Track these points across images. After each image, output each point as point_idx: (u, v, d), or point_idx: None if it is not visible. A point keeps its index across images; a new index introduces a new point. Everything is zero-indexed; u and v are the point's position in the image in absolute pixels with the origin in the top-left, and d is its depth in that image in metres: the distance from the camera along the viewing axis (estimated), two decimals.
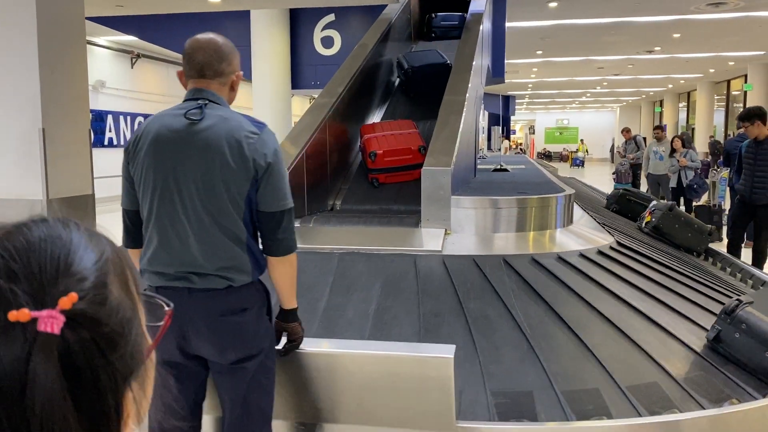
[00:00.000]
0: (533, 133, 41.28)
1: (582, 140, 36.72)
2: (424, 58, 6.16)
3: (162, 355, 1.98)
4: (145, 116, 16.89)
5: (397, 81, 6.64)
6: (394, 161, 4.52)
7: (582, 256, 3.38)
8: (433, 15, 7.78)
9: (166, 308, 0.60)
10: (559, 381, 2.44)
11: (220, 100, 1.96)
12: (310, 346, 2.23)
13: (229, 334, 1.88)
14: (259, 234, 1.95)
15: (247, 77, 10.43)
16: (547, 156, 37.24)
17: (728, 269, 4.63)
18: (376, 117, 5.91)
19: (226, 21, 10.27)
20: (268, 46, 9.86)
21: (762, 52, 17.00)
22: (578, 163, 33.27)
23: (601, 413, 2.33)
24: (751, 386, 2.61)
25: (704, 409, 2.38)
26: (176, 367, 1.94)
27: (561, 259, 3.28)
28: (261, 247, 1.96)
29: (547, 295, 2.95)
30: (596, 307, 2.91)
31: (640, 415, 2.33)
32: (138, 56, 16.22)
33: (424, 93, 5.80)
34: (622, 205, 5.66)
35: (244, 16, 9.98)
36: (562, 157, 38.43)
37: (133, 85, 16.39)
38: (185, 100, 1.97)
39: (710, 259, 4.84)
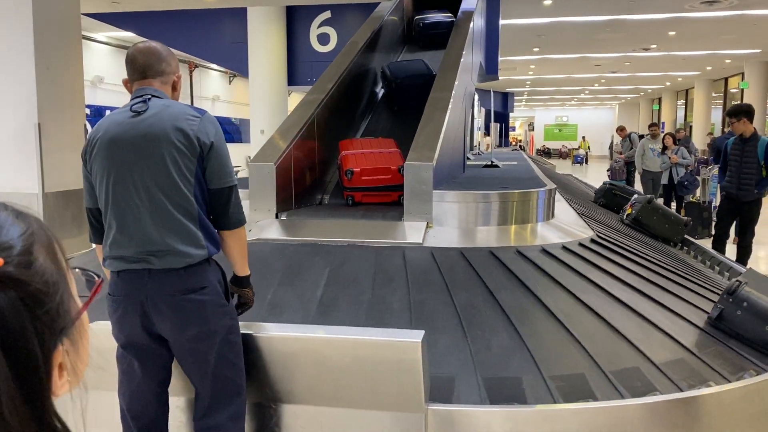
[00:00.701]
0: (532, 129, 41.36)
1: (584, 137, 36.11)
2: (409, 68, 5.90)
3: (127, 337, 2.11)
4: None
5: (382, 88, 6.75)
6: (372, 181, 4.28)
7: (564, 248, 3.48)
8: (420, 24, 7.28)
9: (97, 279, 0.70)
10: (546, 367, 2.54)
11: (162, 95, 2.10)
12: (284, 330, 2.33)
13: (189, 313, 1.99)
14: (210, 212, 2.09)
15: (244, 74, 10.54)
16: (546, 153, 37.30)
17: (700, 257, 4.89)
18: (365, 115, 5.98)
19: (223, 17, 10.36)
20: (265, 42, 9.95)
21: (758, 50, 17.07)
22: (579, 160, 32.45)
23: (586, 396, 2.45)
24: (727, 371, 2.73)
25: (682, 391, 2.51)
26: (140, 349, 2.06)
27: (544, 251, 3.38)
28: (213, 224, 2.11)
29: (531, 285, 3.05)
30: (580, 297, 3.02)
31: (623, 398, 2.45)
32: None
33: (408, 106, 5.61)
34: (608, 199, 5.94)
35: (240, 13, 10.07)
36: (561, 154, 38.50)
37: None
38: (131, 100, 2.11)
39: (685, 249, 5.09)
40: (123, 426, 2.13)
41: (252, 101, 10.32)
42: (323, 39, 10.11)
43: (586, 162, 32.35)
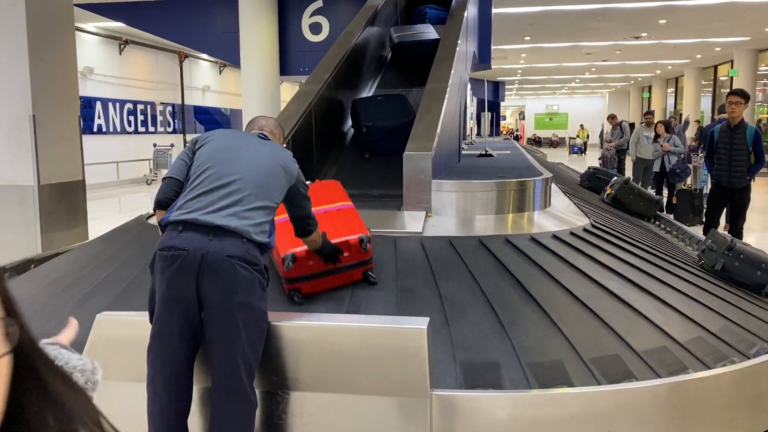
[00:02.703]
0: (523, 118, 41.41)
1: (582, 125, 34.32)
2: (386, 108, 5.09)
3: (176, 293, 2.21)
4: (135, 103, 16.89)
5: (384, 68, 6.77)
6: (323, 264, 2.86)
7: (555, 237, 3.52)
8: (398, 40, 6.50)
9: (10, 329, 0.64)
10: (525, 353, 2.59)
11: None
12: (293, 319, 2.37)
13: (240, 279, 2.12)
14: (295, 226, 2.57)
15: (235, 63, 10.49)
16: (537, 142, 37.39)
17: (674, 232, 5.51)
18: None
19: (215, 7, 10.30)
20: (257, 32, 9.90)
21: (747, 38, 17.16)
22: (577, 150, 30.32)
23: (563, 383, 2.49)
24: (709, 358, 2.79)
25: (660, 378, 2.56)
26: (184, 308, 2.12)
27: (533, 239, 3.42)
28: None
29: (520, 274, 3.09)
30: (566, 286, 3.06)
31: (599, 384, 2.49)
32: (126, 42, 16.19)
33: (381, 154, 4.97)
34: (592, 182, 6.60)
35: (232, 2, 10.01)
36: (552, 143, 38.61)
37: (121, 71, 16.36)
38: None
39: (657, 223, 5.71)
40: (149, 394, 2.16)
41: (244, 91, 10.28)
42: (315, 28, 10.07)
43: (584, 152, 30.11)
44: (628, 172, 10.48)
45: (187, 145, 2.50)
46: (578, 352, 2.63)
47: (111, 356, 2.42)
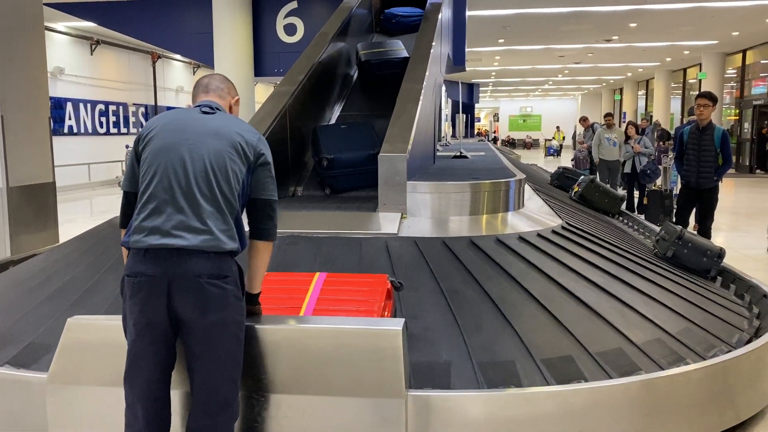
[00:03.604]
0: (498, 120, 41.74)
1: (558, 127, 34.40)
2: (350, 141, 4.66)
3: (148, 319, 2.11)
4: (106, 104, 16.66)
5: (356, 73, 6.77)
6: None
7: (520, 239, 3.55)
8: (365, 59, 6.01)
9: None
10: (476, 353, 2.64)
11: (222, 109, 2.31)
12: (268, 322, 2.36)
13: (212, 297, 2.04)
14: (251, 222, 2.24)
15: (209, 64, 10.40)
16: (511, 143, 37.71)
17: (634, 226, 5.98)
18: (336, 105, 5.97)
19: (188, 7, 10.20)
20: (231, 33, 9.83)
21: (715, 42, 17.53)
22: (553, 152, 30.06)
23: (578, 377, 2.55)
24: (700, 348, 2.86)
25: (662, 369, 2.62)
26: (158, 332, 2.06)
27: (499, 241, 3.45)
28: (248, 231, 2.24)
29: (480, 275, 3.13)
30: (560, 282, 3.10)
31: (610, 377, 2.56)
32: (98, 42, 15.96)
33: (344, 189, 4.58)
34: (561, 181, 6.90)
35: (205, 3, 9.93)
36: (525, 144, 38.98)
37: (93, 71, 16.13)
38: (196, 106, 2.32)
39: (620, 218, 6.14)
40: (128, 417, 2.11)
41: None
42: (290, 29, 10.04)
43: (559, 154, 29.74)
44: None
45: (132, 147, 2.25)
46: (530, 352, 2.68)
47: (83, 361, 2.39)
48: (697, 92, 20.05)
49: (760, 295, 3.80)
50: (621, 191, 7.05)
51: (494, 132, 38.32)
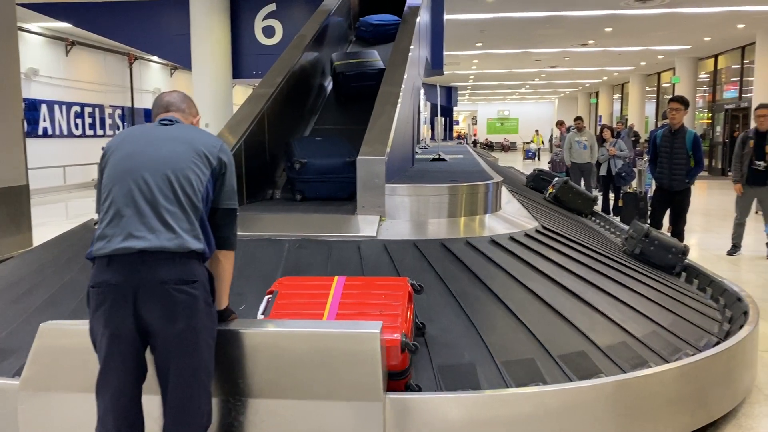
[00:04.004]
0: (476, 123, 42.00)
1: (537, 131, 34.35)
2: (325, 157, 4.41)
3: (115, 329, 2.06)
4: (82, 105, 16.46)
5: (353, 40, 6.78)
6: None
7: (507, 239, 3.59)
8: (339, 70, 5.83)
9: None
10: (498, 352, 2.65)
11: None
12: (245, 326, 2.34)
13: (180, 304, 1.99)
14: (214, 231, 2.19)
15: (187, 66, 10.33)
16: (488, 146, 37.96)
17: (606, 225, 6.19)
18: (311, 118, 5.79)
19: (165, 9, 10.13)
20: (208, 34, 9.78)
21: (688, 47, 17.83)
22: (531, 155, 29.94)
23: (537, 380, 2.57)
24: (666, 352, 2.90)
25: (624, 372, 2.65)
26: (126, 342, 2.01)
27: (470, 244, 3.47)
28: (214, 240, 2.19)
29: (482, 274, 3.15)
30: (526, 285, 3.13)
31: (570, 380, 2.58)
32: (73, 44, 15.75)
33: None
34: (537, 183, 7.06)
35: (182, 4, 9.86)
36: (503, 147, 39.28)
37: (68, 73, 15.91)
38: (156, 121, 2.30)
39: (592, 218, 6.35)
40: (98, 429, 2.06)
41: (195, 94, 10.12)
42: (268, 31, 10.01)
43: (538, 157, 29.68)
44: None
45: (98, 166, 2.22)
46: (547, 350, 2.69)
47: (56, 367, 2.35)
48: (671, 96, 20.40)
49: (735, 298, 3.85)
50: (595, 192, 7.20)
51: (474, 135, 38.55)
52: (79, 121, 16.42)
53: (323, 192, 4.30)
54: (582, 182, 10.11)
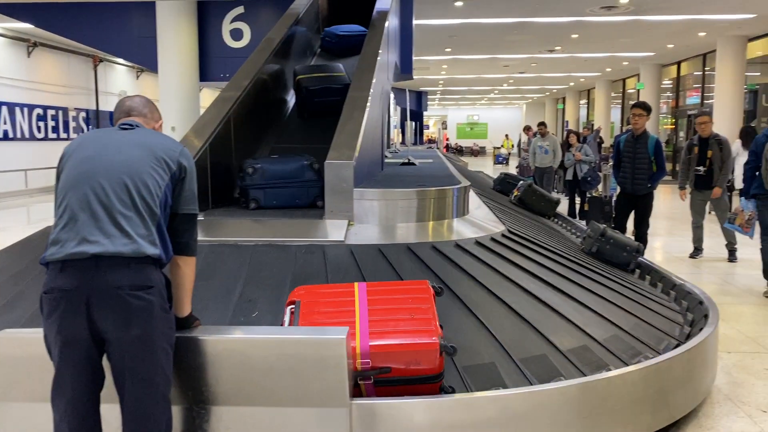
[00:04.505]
0: (446, 128, 42.26)
1: (507, 135, 34.30)
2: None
3: (67, 337, 2.03)
4: (45, 108, 16.11)
5: (318, 51, 6.72)
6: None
7: (473, 244, 3.61)
8: (304, 85, 5.53)
9: None
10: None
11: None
12: (208, 333, 2.31)
13: (135, 311, 1.96)
14: (173, 236, 2.16)
15: (153, 69, 10.19)
16: (458, 151, 38.24)
17: (567, 226, 6.42)
18: (270, 134, 5.45)
19: (130, 11, 9.98)
20: (175, 37, 9.67)
21: (652, 53, 18.21)
22: (502, 160, 29.61)
23: (497, 384, 2.58)
24: (627, 355, 2.94)
25: (585, 375, 2.67)
26: (80, 350, 1.97)
27: (436, 248, 3.49)
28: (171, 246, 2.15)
29: (446, 279, 3.16)
30: (491, 289, 3.15)
31: (531, 384, 2.60)
32: (35, 45, 15.41)
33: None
34: (503, 186, 7.26)
35: (149, 7, 9.73)
36: (473, 152, 39.60)
37: (30, 75, 15.55)
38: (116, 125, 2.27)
39: (555, 220, 6.56)
40: None
41: (162, 97, 10.00)
42: (236, 34, 9.94)
43: (508, 162, 29.54)
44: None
45: (56, 170, 2.18)
46: (509, 354, 2.71)
47: (12, 376, 2.29)
48: (635, 101, 20.77)
49: (696, 301, 3.92)
50: (555, 195, 7.45)
51: (446, 139, 38.80)
52: (41, 123, 16.06)
53: (281, 200, 4.03)
54: (543, 185, 10.27)
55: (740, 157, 8.80)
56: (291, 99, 6.03)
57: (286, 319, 2.49)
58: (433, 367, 2.35)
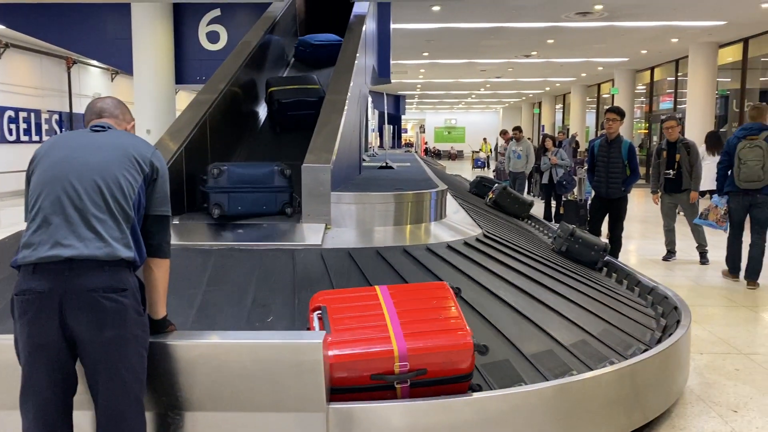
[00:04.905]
0: (423, 132, 42.40)
1: (485, 139, 34.05)
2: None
3: (39, 340, 2.01)
4: (16, 110, 15.83)
5: (292, 61, 6.67)
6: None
7: (428, 250, 3.60)
8: (276, 97, 5.28)
9: None
10: None
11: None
12: (183, 338, 2.29)
13: (108, 313, 1.95)
14: (146, 238, 2.16)
15: (128, 71, 10.07)
16: (436, 154, 38.41)
17: (540, 228, 6.53)
18: (239, 150, 5.18)
19: (105, 12, 9.86)
20: (151, 39, 9.57)
21: (626, 59, 18.46)
22: (480, 164, 29.34)
23: (517, 380, 2.61)
24: (592, 360, 2.96)
25: (548, 380, 2.69)
26: (51, 353, 1.95)
27: (406, 252, 3.49)
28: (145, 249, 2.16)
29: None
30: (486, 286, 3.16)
31: (546, 380, 2.65)
32: (6, 46, 15.14)
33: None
34: (479, 189, 7.41)
35: (124, 8, 9.63)
36: (450, 156, 39.81)
37: (1, 76, 15.27)
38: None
39: (528, 221, 6.71)
40: None
41: (137, 100, 9.89)
42: (213, 37, 9.88)
43: (487, 166, 29.39)
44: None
45: (25, 173, 2.16)
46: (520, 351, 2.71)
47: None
48: (609, 106, 21.05)
49: (671, 307, 3.95)
50: (529, 197, 7.65)
51: (425, 143, 38.95)
52: (13, 126, 15.77)
53: (247, 206, 3.75)
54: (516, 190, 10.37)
55: (704, 160, 8.99)
56: (263, 110, 5.83)
57: (316, 324, 2.46)
58: (467, 366, 2.38)
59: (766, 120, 6.08)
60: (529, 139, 16.36)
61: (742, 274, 6.07)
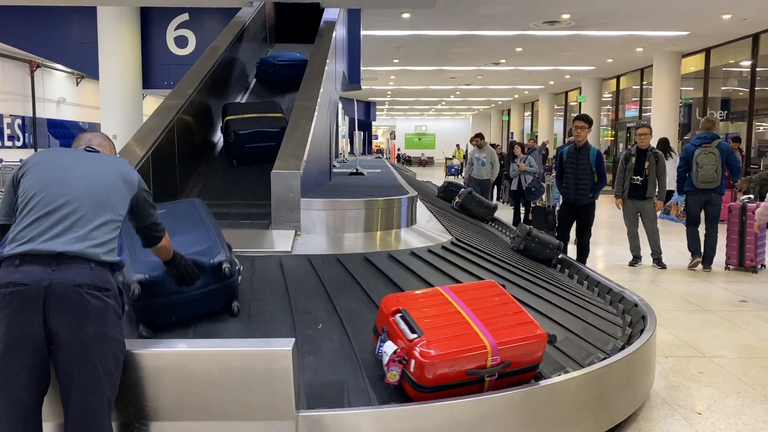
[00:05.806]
0: (394, 138, 42.55)
1: (458, 145, 33.48)
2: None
3: (18, 334, 2.00)
4: None
5: (253, 83, 6.64)
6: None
7: (412, 253, 3.63)
8: (233, 129, 4.80)
9: None
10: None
11: None
12: (150, 346, 2.25)
13: (91, 310, 1.97)
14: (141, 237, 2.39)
15: (94, 75, 9.91)
16: (407, 161, 38.58)
17: (502, 230, 6.67)
18: (194, 187, 4.72)
19: (71, 16, 9.70)
20: (117, 43, 9.44)
21: (593, 67, 18.80)
22: (454, 171, 27.48)
23: None
24: (580, 356, 3.00)
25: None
26: (28, 349, 1.94)
27: (392, 257, 3.50)
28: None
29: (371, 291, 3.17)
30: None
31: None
32: None
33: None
34: (446, 193, 7.57)
35: (89, 12, 9.47)
36: (421, 162, 40.00)
37: None
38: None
39: (492, 224, 6.90)
40: None
41: (103, 104, 9.74)
42: (181, 41, 9.78)
43: (461, 173, 27.14)
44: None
45: (9, 179, 2.22)
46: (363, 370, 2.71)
47: None
48: (577, 114, 21.39)
49: (640, 316, 3.99)
50: (494, 201, 7.98)
51: (397, 150, 39.07)
52: None
53: (185, 311, 2.73)
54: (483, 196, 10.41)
55: None
56: (220, 137, 5.32)
57: (405, 327, 2.47)
58: (540, 355, 2.59)
59: (716, 130, 7.14)
60: (497, 145, 16.54)
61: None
